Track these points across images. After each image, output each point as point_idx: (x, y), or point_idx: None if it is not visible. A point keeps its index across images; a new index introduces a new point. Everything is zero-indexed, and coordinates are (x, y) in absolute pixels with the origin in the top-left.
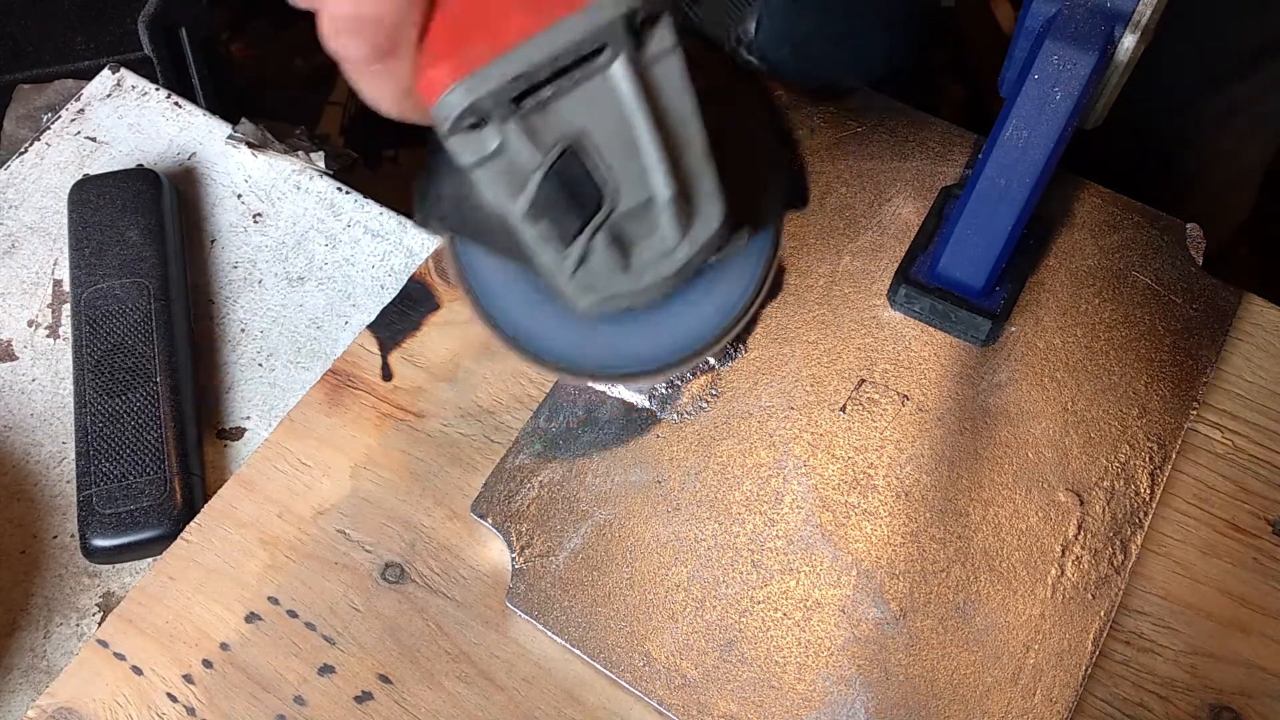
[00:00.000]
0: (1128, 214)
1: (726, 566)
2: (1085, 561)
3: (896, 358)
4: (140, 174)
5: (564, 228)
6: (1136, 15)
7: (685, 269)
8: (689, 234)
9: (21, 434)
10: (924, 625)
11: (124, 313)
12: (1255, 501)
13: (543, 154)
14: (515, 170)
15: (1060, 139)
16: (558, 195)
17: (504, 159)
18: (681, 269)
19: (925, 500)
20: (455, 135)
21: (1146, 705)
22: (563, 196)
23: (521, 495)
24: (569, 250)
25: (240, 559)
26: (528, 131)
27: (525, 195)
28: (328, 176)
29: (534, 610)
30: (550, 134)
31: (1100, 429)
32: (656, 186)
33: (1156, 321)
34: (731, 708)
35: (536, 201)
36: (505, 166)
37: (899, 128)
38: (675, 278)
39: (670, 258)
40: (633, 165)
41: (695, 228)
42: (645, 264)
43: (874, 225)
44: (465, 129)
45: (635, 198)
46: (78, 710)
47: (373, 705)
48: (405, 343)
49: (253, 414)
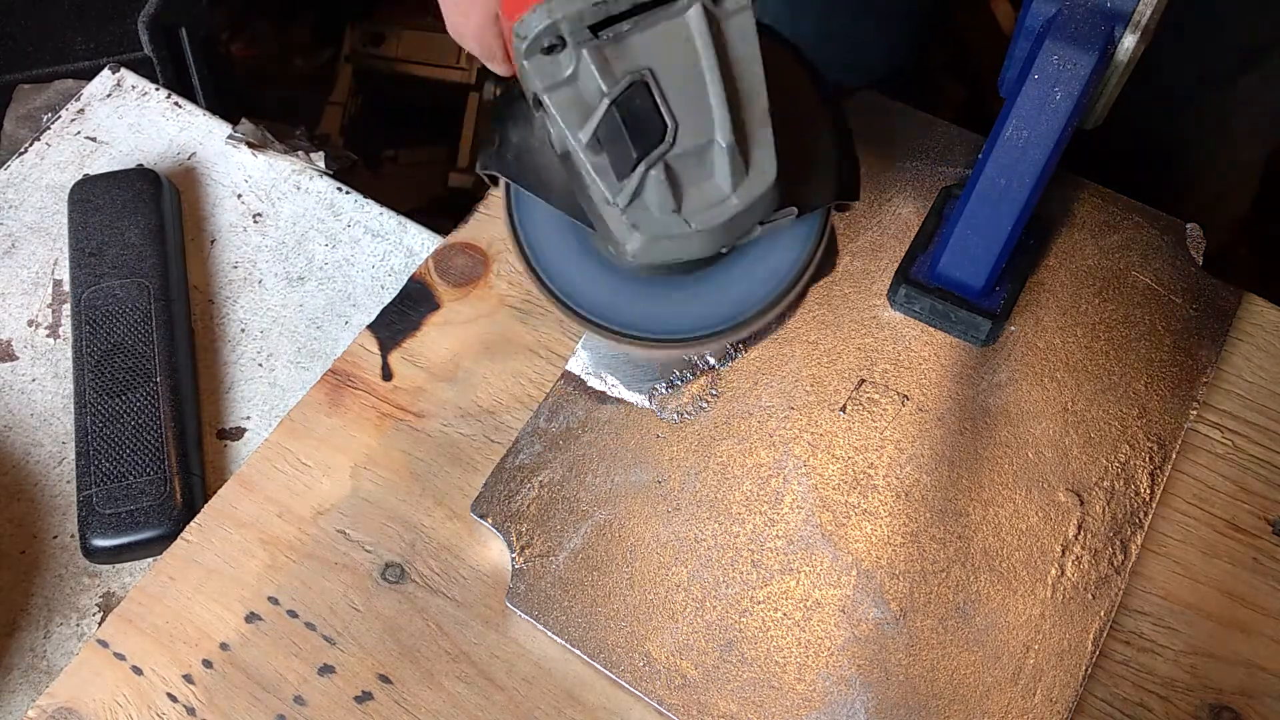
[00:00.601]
0: (1128, 214)
1: (726, 566)
2: (1085, 561)
3: (896, 358)
4: (140, 174)
5: (623, 159)
6: (1136, 15)
7: (734, 223)
8: (741, 187)
9: (21, 434)
10: (924, 625)
11: (124, 313)
12: (1255, 501)
13: (611, 85)
14: (584, 98)
15: (1060, 139)
16: (621, 126)
17: (574, 86)
18: (730, 221)
19: (925, 500)
20: (532, 57)
21: (1146, 705)
22: (626, 127)
23: (521, 495)
24: (625, 183)
25: (240, 559)
26: (600, 61)
27: (590, 122)
28: (328, 176)
29: (534, 610)
30: (621, 67)
31: (1100, 429)
32: (717, 131)
33: (1156, 321)
34: (731, 708)
35: (600, 129)
36: (575, 94)
37: (899, 128)
38: (723, 230)
39: (721, 207)
40: (696, 108)
41: (748, 182)
42: (696, 210)
43: (874, 225)
44: (542, 50)
45: (694, 140)
46: (78, 710)
47: (373, 705)
48: (405, 343)
49: (253, 414)
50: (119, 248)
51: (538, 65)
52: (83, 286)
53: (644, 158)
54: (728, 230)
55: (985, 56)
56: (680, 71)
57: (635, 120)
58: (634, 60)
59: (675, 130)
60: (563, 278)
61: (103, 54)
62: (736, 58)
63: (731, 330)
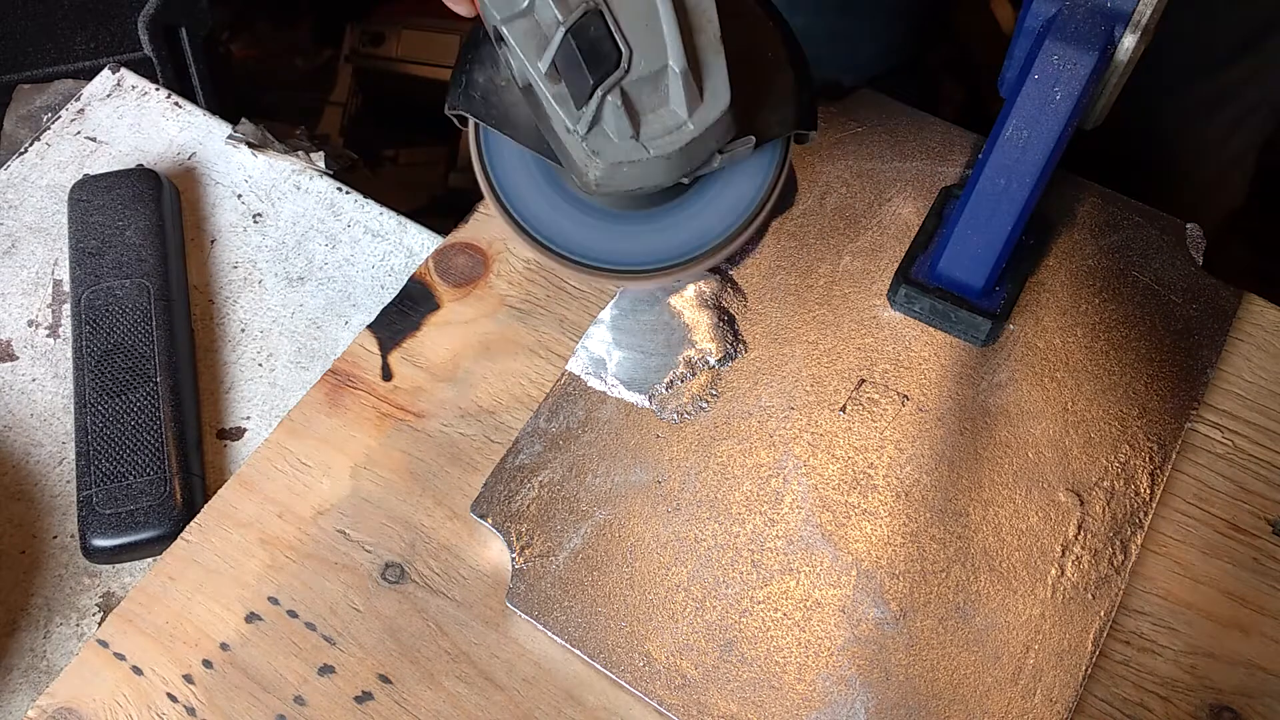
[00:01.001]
0: (1128, 214)
1: (726, 566)
2: (1085, 561)
3: (896, 358)
4: (140, 174)
5: (581, 87)
6: (1136, 15)
7: (691, 149)
8: (697, 113)
9: (21, 434)
10: (924, 625)
11: (124, 313)
12: (1255, 501)
13: (566, 15)
14: (540, 29)
15: (1060, 139)
16: (577, 53)
17: (531, 17)
18: (688, 147)
19: (925, 500)
20: None
21: (1147, 705)
22: (581, 55)
23: (521, 495)
24: (584, 111)
25: (240, 559)
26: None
27: (548, 52)
28: (328, 176)
29: (534, 610)
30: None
31: (1100, 429)
32: (670, 57)
33: (1156, 321)
34: (731, 708)
35: (557, 58)
36: (532, 25)
37: (899, 128)
38: (681, 156)
39: (677, 133)
40: (649, 36)
41: (703, 108)
42: (653, 135)
43: (874, 225)
44: None
45: (649, 66)
46: (78, 710)
47: (373, 705)
48: (405, 343)
49: (253, 414)
50: (119, 248)
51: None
52: (83, 286)
53: (601, 84)
54: (685, 156)
55: (985, 56)
56: (633, 1)
57: (591, 48)
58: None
59: (630, 57)
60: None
61: (103, 54)
62: None
63: (692, 262)
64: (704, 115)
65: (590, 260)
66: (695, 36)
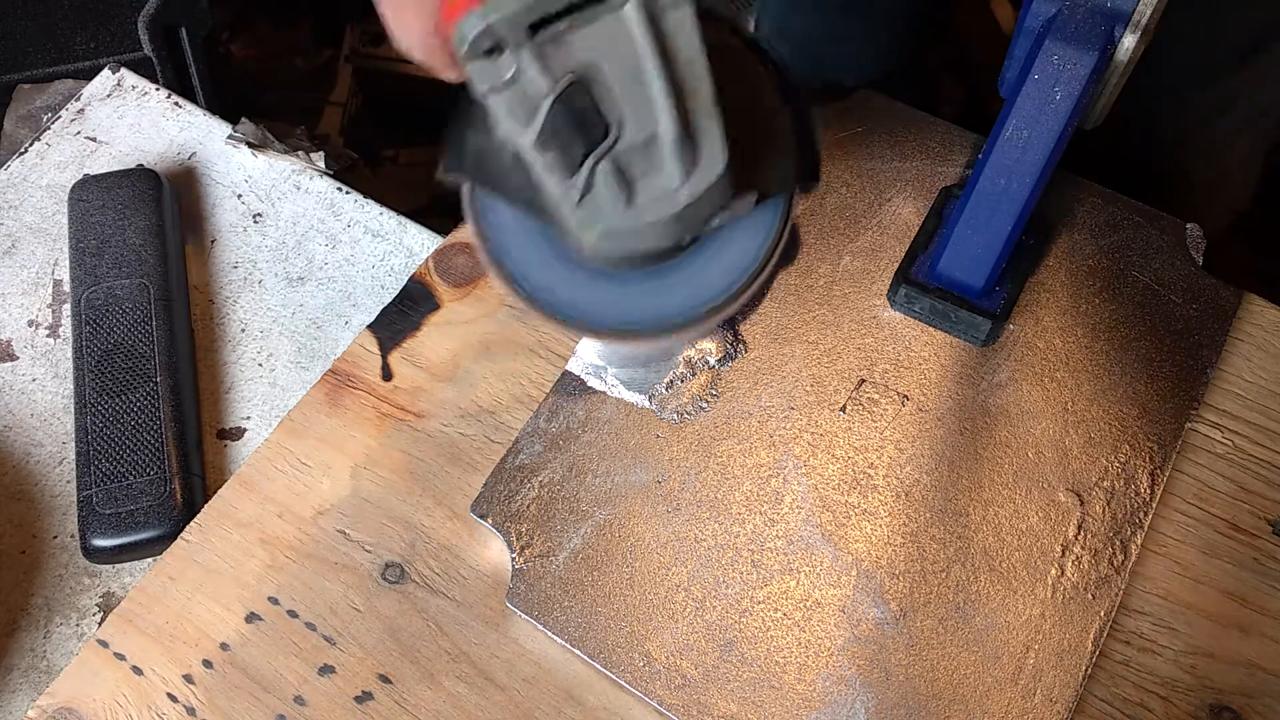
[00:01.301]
0: (1128, 214)
1: (726, 566)
2: (1085, 561)
3: (896, 358)
4: (140, 174)
5: (570, 156)
6: (1136, 15)
7: (687, 214)
8: (691, 178)
9: (21, 434)
10: (924, 625)
11: (124, 313)
12: (1255, 501)
13: (553, 84)
14: (527, 99)
15: (1060, 139)
16: (566, 123)
17: (518, 87)
18: (683, 212)
19: (925, 500)
20: (473, 61)
21: (1147, 705)
22: (570, 124)
23: (521, 495)
24: (574, 179)
25: (240, 559)
26: (541, 60)
27: (535, 122)
28: (328, 176)
29: (534, 610)
30: (562, 65)
31: (1100, 429)
32: (661, 123)
33: (1156, 321)
34: (731, 708)
35: (545, 128)
36: (519, 95)
37: (899, 128)
38: (677, 222)
39: (672, 198)
40: (640, 102)
41: (698, 173)
42: (648, 202)
43: (874, 225)
44: (482, 54)
45: (640, 133)
46: (78, 710)
47: (373, 705)
48: (405, 343)
49: (253, 414)
50: (119, 248)
51: (479, 69)
52: (83, 286)
53: (590, 154)
54: (681, 221)
55: (985, 56)
56: (622, 66)
57: (579, 117)
58: (575, 58)
59: (619, 125)
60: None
61: (103, 54)
62: (678, 49)
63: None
64: (699, 181)
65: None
66: (688, 99)
